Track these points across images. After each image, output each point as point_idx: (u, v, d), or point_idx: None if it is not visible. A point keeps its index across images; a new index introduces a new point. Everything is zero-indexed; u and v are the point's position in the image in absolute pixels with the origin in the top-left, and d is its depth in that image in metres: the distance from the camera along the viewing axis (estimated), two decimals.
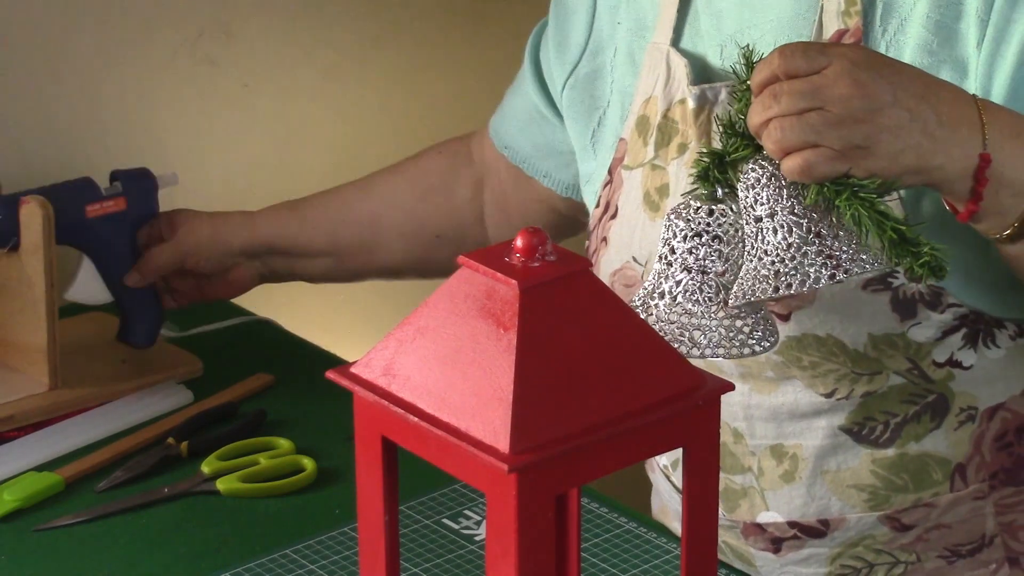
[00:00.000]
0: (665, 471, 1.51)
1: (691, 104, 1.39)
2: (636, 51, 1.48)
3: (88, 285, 1.69)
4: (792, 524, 1.40)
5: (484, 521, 1.41)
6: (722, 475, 1.41)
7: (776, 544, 1.41)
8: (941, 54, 1.30)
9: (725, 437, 1.41)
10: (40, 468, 1.52)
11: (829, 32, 1.33)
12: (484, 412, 0.95)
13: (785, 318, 1.33)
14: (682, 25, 1.43)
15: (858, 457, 1.37)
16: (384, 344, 1.03)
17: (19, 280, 1.62)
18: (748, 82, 1.20)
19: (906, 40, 1.31)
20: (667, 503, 1.55)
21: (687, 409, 1.00)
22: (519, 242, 1.01)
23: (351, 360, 1.06)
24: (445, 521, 1.42)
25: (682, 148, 1.40)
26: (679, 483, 1.47)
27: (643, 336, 1.02)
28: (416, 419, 0.98)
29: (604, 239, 1.47)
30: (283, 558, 1.37)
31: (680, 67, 1.41)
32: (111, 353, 1.72)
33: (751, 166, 1.20)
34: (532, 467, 0.93)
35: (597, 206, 1.50)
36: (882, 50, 1.31)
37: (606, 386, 0.98)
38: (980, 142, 1.16)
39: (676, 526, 1.52)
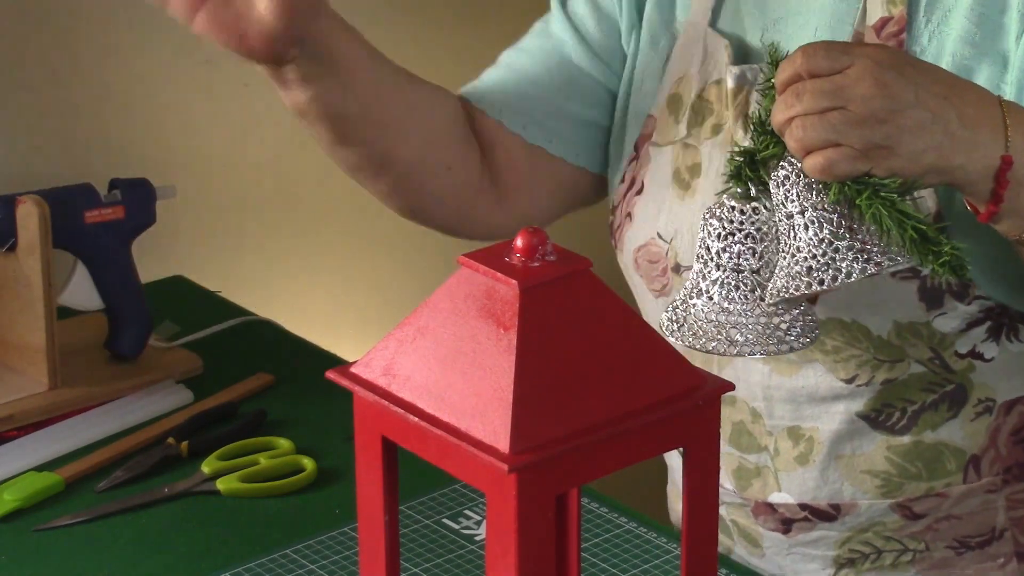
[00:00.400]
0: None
1: (730, 84, 1.39)
2: (657, 25, 1.47)
3: (81, 291, 1.69)
4: (803, 506, 1.41)
5: (484, 521, 1.41)
6: (737, 454, 1.42)
7: (786, 525, 1.42)
8: (983, 46, 1.30)
9: (743, 416, 1.42)
10: (40, 468, 1.52)
11: (873, 19, 1.33)
12: (484, 412, 0.95)
13: (811, 302, 1.34)
14: (720, 5, 1.43)
15: (873, 443, 1.38)
16: (384, 344, 1.03)
17: (17, 280, 1.62)
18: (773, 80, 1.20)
19: (949, 31, 1.32)
20: (679, 484, 1.55)
21: (687, 409, 1.00)
22: (519, 242, 1.01)
23: (351, 360, 1.06)
24: (445, 521, 1.42)
25: (716, 129, 1.41)
26: None
27: (643, 336, 1.02)
28: (416, 419, 0.98)
29: (628, 214, 1.48)
30: (283, 558, 1.37)
31: (720, 48, 1.41)
32: (110, 353, 1.72)
33: (782, 163, 1.20)
34: (532, 467, 0.93)
35: (622, 181, 1.50)
36: (924, 40, 1.32)
37: (606, 386, 0.98)
38: (1003, 144, 1.16)
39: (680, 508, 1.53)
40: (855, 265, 1.17)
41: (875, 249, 1.18)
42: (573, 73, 1.53)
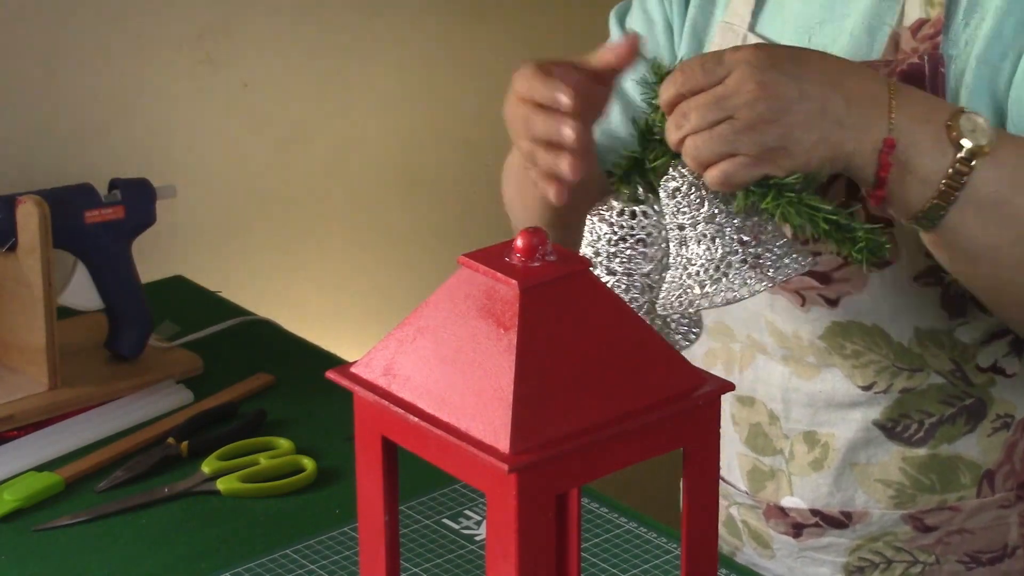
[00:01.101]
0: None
1: None
2: (700, 25, 1.46)
3: (81, 291, 1.69)
4: (815, 512, 1.41)
5: (484, 521, 1.41)
6: (752, 455, 1.42)
7: (797, 529, 1.42)
8: (1017, 47, 1.29)
9: (760, 417, 1.41)
10: (40, 468, 1.52)
11: (910, 19, 1.31)
12: (484, 412, 0.95)
13: (833, 303, 1.33)
14: (760, 8, 1.41)
15: (889, 453, 1.37)
16: (384, 344, 1.03)
17: (17, 280, 1.62)
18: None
19: (983, 34, 1.30)
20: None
21: (687, 409, 1.00)
22: (519, 242, 1.00)
23: (351, 360, 1.06)
24: (445, 521, 1.42)
25: None
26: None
27: (643, 336, 1.02)
28: (416, 419, 0.98)
29: None
30: (283, 558, 1.37)
31: None
32: (110, 353, 1.73)
33: (671, 173, 1.19)
34: (532, 467, 0.93)
35: None
36: (961, 44, 1.30)
37: (606, 386, 0.98)
38: (886, 125, 1.16)
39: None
40: (748, 281, 1.16)
41: (768, 262, 1.17)
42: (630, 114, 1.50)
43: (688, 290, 1.17)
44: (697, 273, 1.17)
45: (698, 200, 1.18)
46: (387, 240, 2.34)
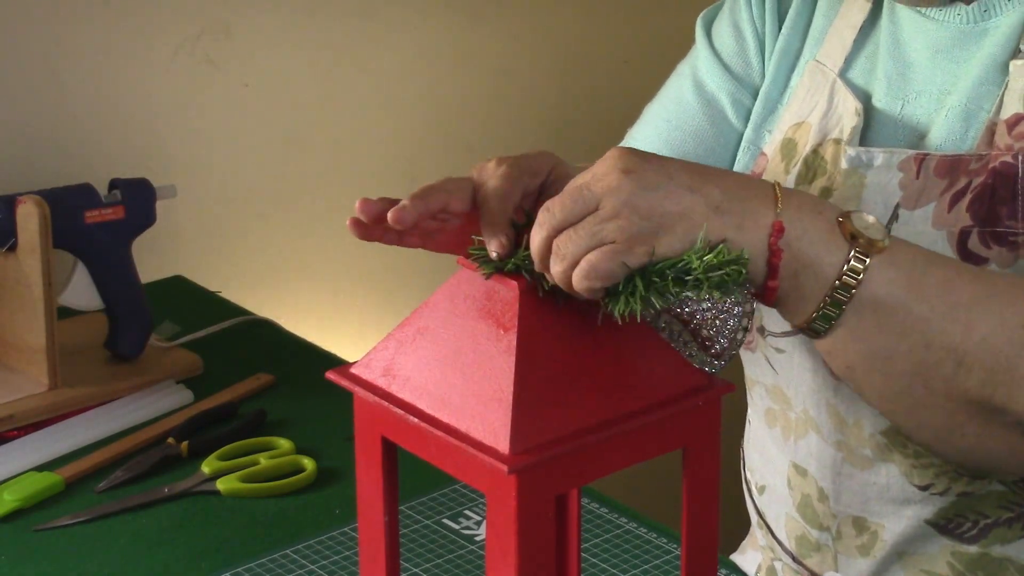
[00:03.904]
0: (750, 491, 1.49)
1: (843, 164, 1.31)
2: (788, 58, 1.42)
3: (81, 291, 1.69)
4: None
5: (484, 521, 1.41)
6: (802, 523, 1.39)
7: None
8: None
9: (810, 490, 1.38)
10: (40, 468, 1.52)
11: (1008, 112, 1.25)
12: (484, 413, 0.95)
13: None
14: (856, 56, 1.36)
15: (938, 546, 1.33)
16: (384, 344, 1.03)
17: (17, 280, 1.62)
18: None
19: None
20: (755, 529, 1.52)
21: (687, 409, 1.00)
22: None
23: (351, 360, 1.06)
24: (445, 521, 1.42)
25: (825, 193, 1.32)
26: (761, 507, 1.46)
27: (643, 336, 1.02)
28: (416, 420, 0.98)
29: None
30: (283, 558, 1.37)
31: (849, 109, 1.33)
32: (110, 353, 1.73)
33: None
34: (532, 468, 0.93)
35: None
36: None
37: (606, 386, 0.98)
38: (773, 212, 1.08)
39: (751, 554, 1.52)
40: (705, 360, 1.13)
41: (718, 338, 1.13)
42: (721, 126, 1.47)
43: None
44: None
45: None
46: None
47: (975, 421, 1.13)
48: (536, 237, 1.04)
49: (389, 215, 1.14)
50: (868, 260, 1.09)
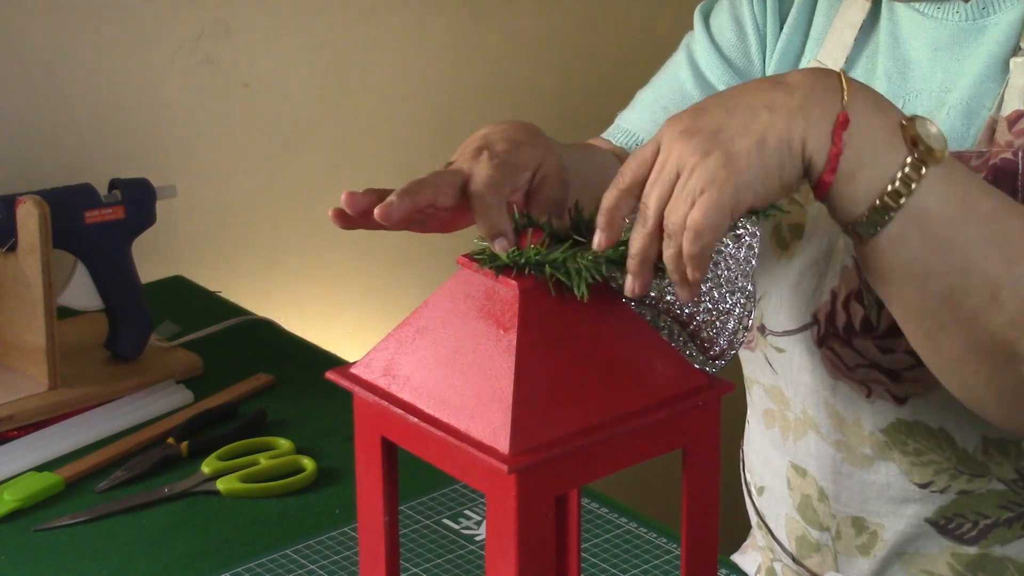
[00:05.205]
0: (750, 493, 1.49)
1: None
2: (789, 55, 1.42)
3: (81, 291, 1.69)
4: None
5: (484, 521, 1.41)
6: (801, 523, 1.39)
7: None
8: None
9: (810, 490, 1.38)
10: (40, 468, 1.52)
11: (1008, 109, 1.25)
12: (484, 413, 0.95)
13: (901, 401, 1.29)
14: (857, 56, 1.37)
15: (938, 546, 1.34)
16: (384, 344, 1.03)
17: (17, 280, 1.63)
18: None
19: None
20: (755, 530, 1.52)
21: (687, 409, 1.00)
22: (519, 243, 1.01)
23: (351, 360, 1.06)
24: (445, 521, 1.42)
25: None
26: (761, 508, 1.46)
27: (643, 336, 1.02)
28: (416, 420, 0.98)
29: None
30: (283, 558, 1.37)
31: None
32: (110, 353, 1.73)
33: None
34: (532, 468, 0.93)
35: None
36: None
37: (606, 386, 0.98)
38: (839, 102, 1.07)
39: (751, 555, 1.52)
40: (698, 357, 1.13)
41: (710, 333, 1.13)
42: None
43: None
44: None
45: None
46: (387, 240, 2.34)
47: (990, 362, 1.12)
48: (636, 235, 1.05)
49: (376, 212, 1.13)
50: (925, 169, 1.07)
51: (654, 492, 2.18)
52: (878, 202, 1.07)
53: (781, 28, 1.43)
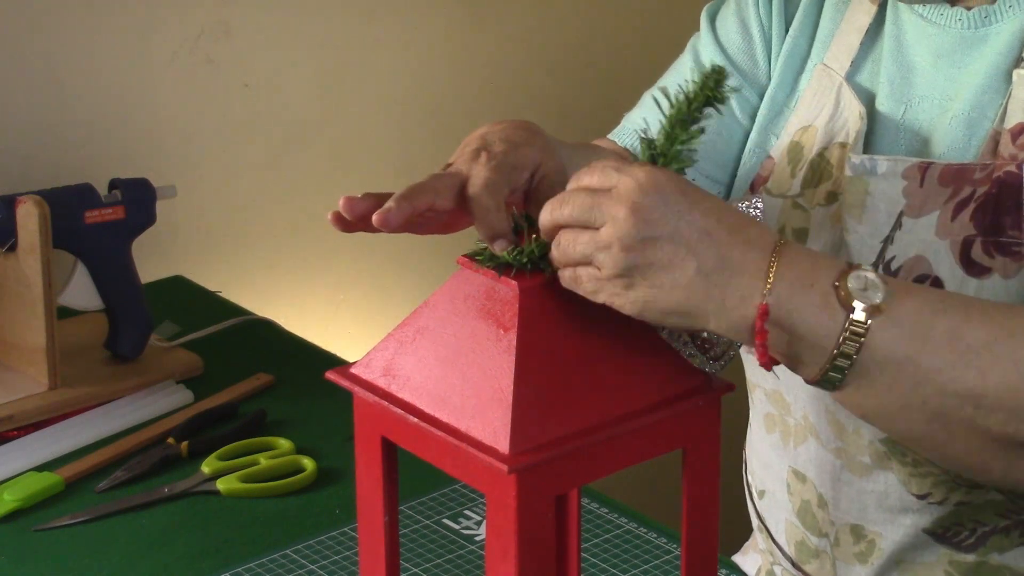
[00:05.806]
0: (752, 497, 1.49)
1: (847, 172, 1.30)
2: (794, 60, 1.41)
3: (81, 291, 1.69)
4: None
5: (484, 521, 1.41)
6: (801, 528, 1.39)
7: None
8: None
9: (809, 496, 1.38)
10: (40, 468, 1.52)
11: (1012, 121, 1.25)
12: (484, 413, 0.95)
13: None
14: (863, 60, 1.36)
15: (936, 555, 1.33)
16: (384, 344, 1.03)
17: (17, 280, 1.62)
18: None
19: None
20: (755, 532, 1.52)
21: (687, 409, 1.00)
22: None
23: (351, 360, 1.06)
24: (445, 521, 1.42)
25: (831, 197, 1.32)
26: (762, 511, 1.46)
27: (643, 336, 1.02)
28: (416, 420, 0.98)
29: None
30: (283, 558, 1.37)
31: (854, 113, 1.33)
32: (110, 353, 1.73)
33: None
34: (532, 468, 0.93)
35: None
36: None
37: (606, 386, 0.98)
38: (760, 291, 1.05)
39: (752, 556, 1.51)
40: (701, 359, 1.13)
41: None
42: (726, 120, 1.45)
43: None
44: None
45: None
46: (387, 240, 2.34)
47: (1003, 455, 1.10)
48: (544, 217, 1.05)
49: (374, 218, 1.13)
50: (868, 323, 1.05)
51: (654, 492, 2.18)
52: (828, 366, 1.06)
53: (787, 31, 1.42)
